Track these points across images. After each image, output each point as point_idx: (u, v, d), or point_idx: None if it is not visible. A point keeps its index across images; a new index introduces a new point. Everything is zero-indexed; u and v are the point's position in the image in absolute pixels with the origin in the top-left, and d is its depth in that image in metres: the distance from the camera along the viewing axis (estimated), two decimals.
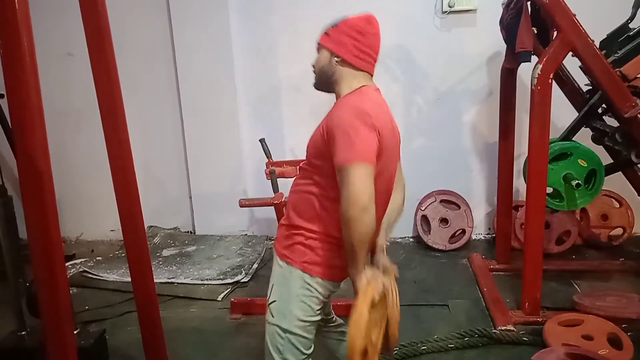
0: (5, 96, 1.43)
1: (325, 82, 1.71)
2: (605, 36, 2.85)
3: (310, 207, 1.65)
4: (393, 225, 1.83)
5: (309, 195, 1.66)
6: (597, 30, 2.67)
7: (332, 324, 2.02)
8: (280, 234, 1.76)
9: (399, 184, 1.87)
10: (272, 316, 1.70)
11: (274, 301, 1.71)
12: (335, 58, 1.65)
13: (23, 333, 2.36)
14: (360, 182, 1.47)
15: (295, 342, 1.69)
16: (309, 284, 1.67)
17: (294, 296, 1.67)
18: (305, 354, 1.72)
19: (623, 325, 2.48)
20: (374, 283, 1.54)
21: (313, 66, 1.73)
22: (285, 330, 1.68)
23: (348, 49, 1.64)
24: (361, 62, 1.66)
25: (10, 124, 1.47)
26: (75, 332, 2.13)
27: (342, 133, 1.50)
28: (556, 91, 2.70)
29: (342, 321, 2.07)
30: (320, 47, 1.70)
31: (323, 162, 1.60)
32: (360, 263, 1.55)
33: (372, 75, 1.72)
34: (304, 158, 1.72)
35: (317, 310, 1.71)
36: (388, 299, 1.68)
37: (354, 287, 1.57)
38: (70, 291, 3.27)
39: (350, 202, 1.47)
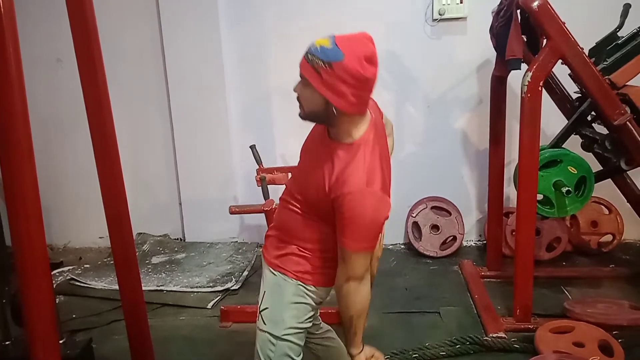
0: None
1: (316, 120, 1.60)
2: (594, 44, 2.88)
3: (300, 225, 1.66)
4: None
5: (294, 214, 1.66)
6: (586, 38, 2.69)
7: (319, 331, 2.01)
8: (269, 244, 1.76)
9: (387, 127, 1.90)
10: (264, 323, 1.69)
11: (266, 308, 1.70)
12: (334, 108, 1.46)
13: (7, 343, 2.31)
14: (359, 267, 1.52)
15: (287, 349, 1.68)
16: (302, 292, 1.67)
17: (287, 303, 1.66)
18: None
19: (614, 332, 2.48)
20: None
21: (298, 99, 1.54)
22: (277, 337, 1.67)
23: (348, 101, 1.43)
24: (362, 108, 1.52)
25: None
26: (61, 341, 2.10)
27: (358, 224, 1.47)
28: (546, 99, 2.72)
29: (329, 327, 2.06)
30: (307, 83, 1.46)
31: (320, 210, 1.58)
32: (359, 337, 1.61)
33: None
34: (295, 165, 1.72)
35: (310, 317, 1.71)
36: None
37: None
38: (57, 299, 3.23)
39: (347, 279, 1.53)
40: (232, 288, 3.44)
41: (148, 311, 2.33)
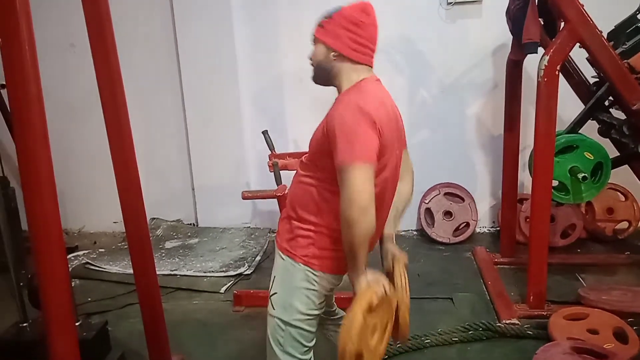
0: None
1: (323, 76, 1.67)
2: (613, 27, 2.82)
3: (310, 199, 1.64)
4: (401, 214, 1.83)
5: (309, 187, 1.65)
6: (605, 21, 2.63)
7: (334, 317, 2.01)
8: (281, 228, 1.75)
9: (407, 172, 1.85)
10: (273, 308, 1.70)
11: (275, 293, 1.71)
12: (333, 53, 1.60)
13: (25, 325, 2.35)
14: (359, 183, 1.45)
15: (296, 334, 1.68)
16: (311, 278, 1.66)
17: (296, 289, 1.66)
18: (306, 346, 1.71)
19: (629, 320, 2.47)
20: (373, 286, 1.51)
21: (310, 59, 1.68)
22: (286, 323, 1.67)
23: (345, 43, 1.59)
24: (359, 55, 1.61)
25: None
26: (77, 323, 2.13)
27: (342, 133, 1.48)
28: (562, 83, 2.67)
29: (344, 313, 2.06)
30: (315, 40, 1.64)
31: (323, 158, 1.58)
32: (360, 265, 1.54)
33: (371, 67, 1.68)
34: (307, 150, 1.71)
35: (319, 303, 1.70)
36: (396, 285, 1.66)
37: (353, 290, 1.56)
38: (73, 283, 3.28)
39: (349, 203, 1.46)
40: (244, 273, 3.46)
41: (162, 295, 2.35)
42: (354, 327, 1.42)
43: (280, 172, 3.04)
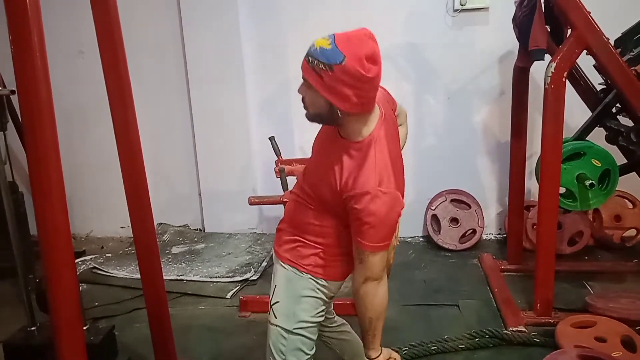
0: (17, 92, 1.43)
1: (323, 122, 1.57)
2: (620, 34, 2.81)
3: (308, 218, 1.65)
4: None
5: (306, 209, 1.66)
6: (612, 28, 2.63)
7: (333, 324, 2.01)
8: (280, 237, 1.75)
9: (402, 116, 1.92)
10: (275, 317, 1.70)
11: (277, 302, 1.70)
12: (338, 110, 1.43)
13: (33, 329, 2.36)
14: (379, 265, 1.51)
15: (299, 343, 1.68)
16: (313, 286, 1.66)
17: (300, 297, 1.67)
18: (307, 354, 1.72)
19: (637, 328, 2.45)
20: None
21: (303, 100, 1.52)
22: (288, 332, 1.67)
23: (352, 102, 1.40)
24: (367, 107, 1.47)
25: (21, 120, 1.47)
26: (84, 328, 2.14)
27: (373, 223, 1.45)
28: (569, 90, 2.66)
29: (343, 320, 2.06)
30: (308, 85, 1.44)
31: (334, 207, 1.57)
32: (378, 340, 1.60)
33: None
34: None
35: (321, 311, 1.71)
36: None
37: None
38: (80, 287, 3.29)
39: (365, 280, 1.53)
40: (251, 278, 3.46)
41: (168, 300, 2.36)
42: None
43: (287, 178, 3.05)
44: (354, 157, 1.50)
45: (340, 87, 1.37)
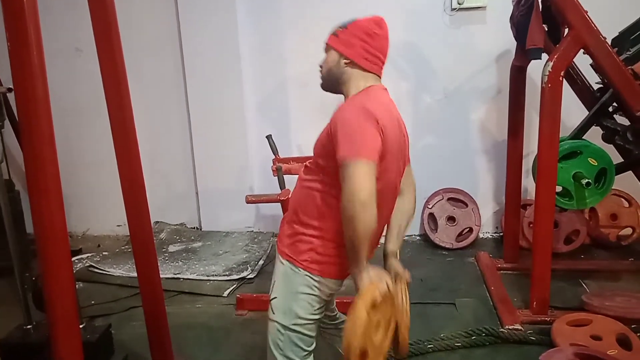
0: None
1: (332, 83, 1.71)
2: (617, 33, 2.82)
3: (313, 203, 1.65)
4: (404, 230, 1.81)
5: (312, 191, 1.66)
6: (609, 27, 2.63)
7: (335, 321, 2.01)
8: (282, 232, 1.76)
9: (409, 187, 1.85)
10: (273, 313, 1.71)
11: (275, 298, 1.71)
12: (344, 60, 1.66)
13: (29, 327, 2.36)
14: (360, 179, 1.45)
15: (296, 339, 1.69)
16: (311, 282, 1.66)
17: (295, 294, 1.67)
18: (306, 350, 1.72)
19: (632, 326, 2.45)
20: (376, 283, 1.51)
21: (320, 67, 1.73)
22: (285, 327, 1.68)
23: (357, 51, 1.64)
24: (370, 64, 1.66)
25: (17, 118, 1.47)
26: (80, 326, 2.14)
27: (345, 129, 1.50)
28: (566, 89, 2.67)
29: (346, 318, 2.06)
30: (328, 48, 1.70)
31: (328, 161, 1.59)
32: (362, 261, 1.53)
33: (380, 77, 1.71)
34: (311, 155, 1.72)
35: (318, 308, 1.71)
36: (397, 303, 1.66)
37: (356, 286, 1.55)
38: (77, 286, 3.28)
39: (349, 198, 1.46)
40: (247, 277, 3.47)
41: (165, 298, 2.36)
42: (358, 323, 1.42)
43: (284, 176, 3.05)
44: (345, 101, 1.65)
45: (350, 38, 1.65)
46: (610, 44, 2.58)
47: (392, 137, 1.59)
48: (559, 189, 2.80)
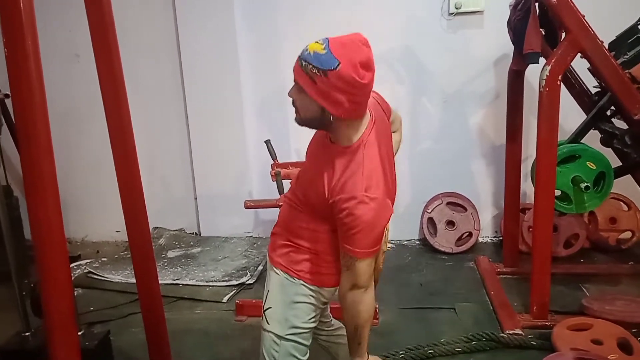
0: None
1: (315, 126, 1.57)
2: (614, 37, 2.82)
3: (304, 230, 1.65)
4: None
5: (302, 218, 1.66)
6: (606, 31, 2.64)
7: (329, 328, 2.00)
8: (274, 243, 1.75)
9: (396, 122, 1.92)
10: (267, 323, 1.70)
11: (269, 308, 1.70)
12: (330, 115, 1.43)
13: (27, 334, 2.35)
14: (366, 271, 1.50)
15: (291, 349, 1.68)
16: (307, 292, 1.66)
17: (292, 303, 1.66)
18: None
19: (633, 330, 2.45)
20: None
21: (293, 103, 1.53)
22: (281, 338, 1.67)
23: (344, 108, 1.40)
24: (360, 112, 1.48)
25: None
26: (79, 333, 2.13)
27: (359, 228, 1.43)
28: (564, 93, 2.67)
29: (340, 324, 2.06)
30: (301, 88, 1.45)
31: (323, 210, 1.55)
32: (363, 346, 1.59)
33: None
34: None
35: (314, 316, 1.70)
36: None
37: None
38: (75, 292, 3.27)
39: (352, 287, 1.52)
40: (247, 282, 3.45)
41: (164, 305, 2.35)
42: None
43: (283, 181, 3.04)
44: (343, 162, 1.49)
45: (334, 92, 1.36)
46: (607, 47, 2.59)
47: (391, 175, 1.60)
48: (557, 193, 2.80)
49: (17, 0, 1.36)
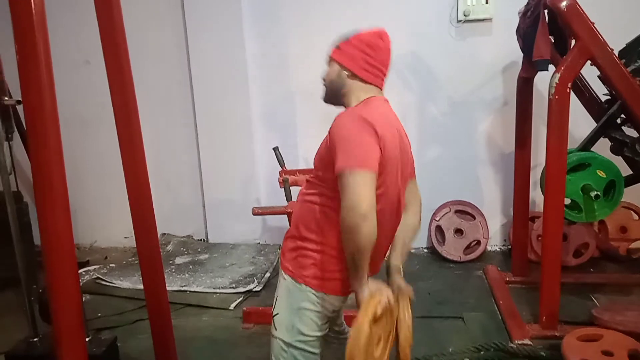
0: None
1: (334, 94, 1.70)
2: (624, 45, 2.81)
3: (313, 217, 1.63)
4: (409, 245, 1.79)
5: (312, 205, 1.64)
6: (616, 39, 2.63)
7: (342, 336, 1.98)
8: (285, 247, 1.74)
9: (415, 201, 1.83)
10: (276, 329, 1.69)
11: (277, 314, 1.69)
12: (345, 72, 1.65)
13: (35, 340, 2.36)
14: (360, 189, 1.43)
15: (299, 356, 1.66)
16: (313, 299, 1.64)
17: (298, 310, 1.65)
18: None
19: None
20: (377, 296, 1.49)
21: (323, 79, 1.73)
22: (288, 345, 1.66)
23: (358, 63, 1.64)
24: (371, 76, 1.66)
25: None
26: (87, 339, 2.13)
27: (342, 139, 1.49)
28: (574, 101, 2.66)
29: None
30: (330, 60, 1.70)
31: (326, 172, 1.58)
32: (362, 274, 1.51)
33: (381, 89, 1.71)
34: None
35: (322, 325, 1.68)
36: (398, 318, 1.64)
37: (356, 300, 1.54)
38: (83, 298, 3.28)
39: (349, 208, 1.44)
40: (254, 289, 3.45)
41: (171, 311, 2.35)
42: (362, 338, 1.40)
43: (291, 188, 3.05)
44: (342, 112, 1.62)
45: (352, 50, 1.64)
46: (617, 55, 2.57)
47: (392, 148, 1.57)
48: (567, 201, 2.78)
49: (29, 7, 1.37)
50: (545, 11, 2.63)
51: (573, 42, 2.59)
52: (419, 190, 1.87)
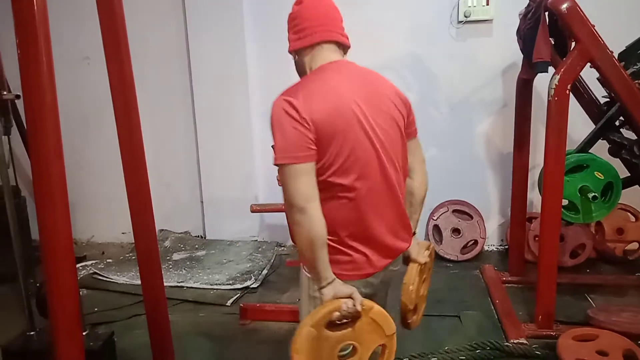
0: (22, 97, 1.44)
1: (301, 75, 1.71)
2: (624, 47, 2.82)
3: None
4: (418, 207, 1.78)
5: None
6: (616, 41, 2.63)
7: None
8: None
9: (419, 165, 1.79)
10: (301, 317, 1.70)
11: (299, 300, 1.72)
12: (293, 55, 1.68)
13: (32, 334, 2.36)
14: (290, 184, 1.40)
15: None
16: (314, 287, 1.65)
17: (311, 298, 1.66)
18: None
19: (639, 342, 2.42)
20: (334, 303, 1.45)
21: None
22: None
23: (292, 39, 1.65)
24: (303, 40, 1.61)
25: (25, 125, 1.48)
26: (83, 333, 2.13)
27: (272, 131, 1.49)
28: (573, 103, 2.67)
29: None
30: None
31: None
32: (318, 272, 1.46)
33: (332, 43, 1.62)
34: None
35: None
36: (403, 287, 1.66)
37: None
38: (80, 293, 3.29)
39: (286, 205, 1.44)
40: (251, 286, 3.45)
41: (168, 307, 2.36)
42: (298, 337, 1.42)
43: None
44: None
45: (288, 35, 1.67)
46: (617, 57, 2.58)
47: (335, 121, 1.45)
48: (565, 202, 2.78)
49: (31, 3, 1.37)
50: (546, 13, 2.64)
51: (573, 44, 2.59)
52: (421, 148, 1.79)
